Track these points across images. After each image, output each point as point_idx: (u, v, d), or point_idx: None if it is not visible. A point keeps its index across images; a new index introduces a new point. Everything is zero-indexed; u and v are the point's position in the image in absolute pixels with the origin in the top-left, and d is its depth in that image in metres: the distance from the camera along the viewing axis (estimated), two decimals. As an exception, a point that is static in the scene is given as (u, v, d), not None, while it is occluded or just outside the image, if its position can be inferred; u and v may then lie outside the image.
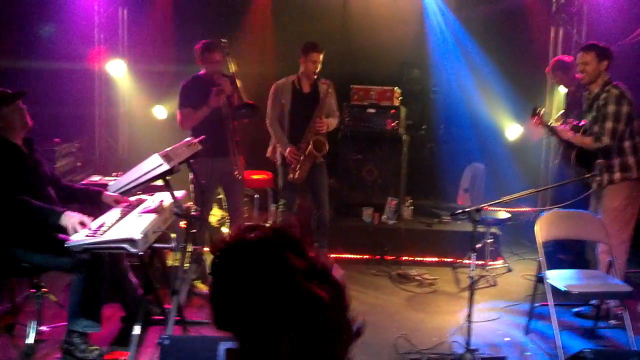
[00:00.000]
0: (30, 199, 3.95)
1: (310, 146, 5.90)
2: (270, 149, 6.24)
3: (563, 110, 6.48)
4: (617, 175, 5.00)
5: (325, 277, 1.40)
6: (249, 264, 1.35)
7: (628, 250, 5.07)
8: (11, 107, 4.10)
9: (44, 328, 4.30)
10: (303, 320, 1.31)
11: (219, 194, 6.11)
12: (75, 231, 3.77)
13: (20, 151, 4.16)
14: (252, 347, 1.35)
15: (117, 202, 4.31)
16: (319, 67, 5.93)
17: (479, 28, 8.05)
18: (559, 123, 6.14)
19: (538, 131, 6.14)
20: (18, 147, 4.15)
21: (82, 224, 3.82)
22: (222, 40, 5.61)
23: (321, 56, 5.92)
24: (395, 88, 7.40)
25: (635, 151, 5.01)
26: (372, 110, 7.24)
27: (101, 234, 3.64)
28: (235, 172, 5.61)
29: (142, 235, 3.54)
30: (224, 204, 6.21)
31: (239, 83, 5.55)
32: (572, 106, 6.10)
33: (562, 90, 6.81)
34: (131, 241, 3.52)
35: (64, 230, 3.84)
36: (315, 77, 5.96)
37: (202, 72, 5.68)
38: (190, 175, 5.38)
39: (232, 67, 5.55)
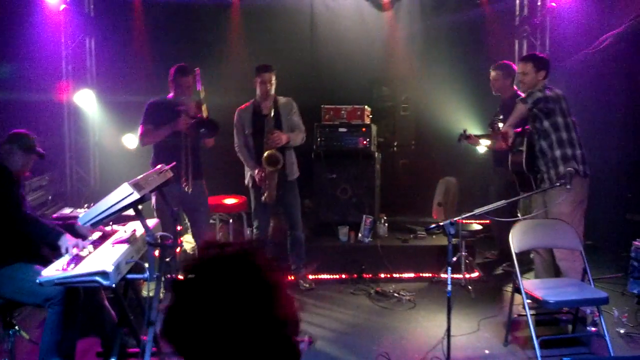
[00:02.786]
0: (37, 216, 4.12)
1: (264, 163, 5.92)
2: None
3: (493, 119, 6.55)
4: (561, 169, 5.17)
5: (283, 293, 1.37)
6: (224, 284, 1.31)
7: None
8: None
9: (17, 367, 4.22)
10: (263, 338, 1.29)
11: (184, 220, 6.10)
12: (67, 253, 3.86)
13: (15, 181, 4.29)
14: None
15: (92, 233, 4.29)
16: (273, 87, 5.98)
17: (444, 43, 8.17)
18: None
19: (499, 142, 6.20)
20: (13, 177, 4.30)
21: (76, 247, 3.89)
22: (195, 68, 5.67)
23: (273, 76, 6.00)
24: (366, 106, 7.44)
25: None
26: (343, 129, 7.27)
27: (72, 268, 3.58)
28: (184, 184, 5.60)
29: (114, 267, 3.49)
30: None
31: (204, 108, 5.60)
32: (504, 116, 6.17)
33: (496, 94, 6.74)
34: (103, 274, 3.47)
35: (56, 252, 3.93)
36: (272, 97, 5.99)
37: (170, 95, 5.71)
38: (152, 201, 5.38)
39: (201, 93, 5.59)
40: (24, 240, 4.10)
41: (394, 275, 6.63)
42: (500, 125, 6.04)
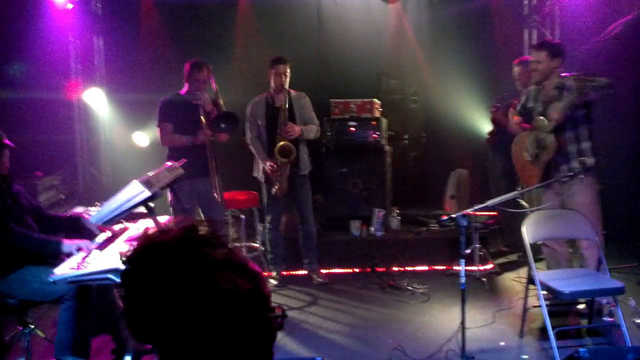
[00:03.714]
0: (27, 230, 3.97)
1: (277, 154, 5.91)
2: (255, 168, 6.24)
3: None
4: (590, 160, 4.98)
5: (243, 268, 1.33)
6: (168, 266, 1.28)
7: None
8: None
9: (34, 365, 4.23)
10: (226, 315, 1.26)
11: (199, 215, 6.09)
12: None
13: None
14: (176, 352, 1.28)
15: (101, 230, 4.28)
16: (288, 79, 5.96)
17: (452, 34, 8.12)
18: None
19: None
20: None
21: (80, 249, 3.86)
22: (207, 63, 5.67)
23: (288, 68, 5.98)
24: (375, 99, 7.42)
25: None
26: (353, 123, 7.25)
27: (85, 266, 3.59)
28: (214, 193, 5.59)
29: (127, 265, 3.49)
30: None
31: (221, 102, 5.59)
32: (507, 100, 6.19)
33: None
34: (116, 271, 3.47)
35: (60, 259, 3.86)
36: (285, 89, 5.98)
37: (183, 90, 5.69)
38: (169, 198, 5.37)
39: (214, 87, 5.60)
40: None
41: (407, 268, 6.59)
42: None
